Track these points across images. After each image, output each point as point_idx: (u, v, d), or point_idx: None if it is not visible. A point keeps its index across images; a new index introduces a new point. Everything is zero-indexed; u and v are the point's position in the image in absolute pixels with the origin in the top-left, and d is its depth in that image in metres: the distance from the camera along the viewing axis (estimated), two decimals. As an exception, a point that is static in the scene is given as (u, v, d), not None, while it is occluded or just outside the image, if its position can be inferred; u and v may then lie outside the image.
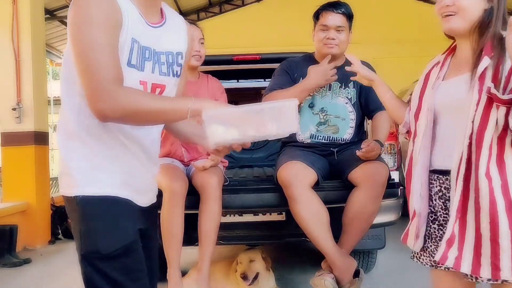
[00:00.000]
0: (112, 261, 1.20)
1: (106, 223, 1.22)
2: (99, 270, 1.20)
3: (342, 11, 2.47)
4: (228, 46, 8.10)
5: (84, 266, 1.21)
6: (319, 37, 2.51)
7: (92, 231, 1.21)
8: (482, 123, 1.35)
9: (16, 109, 4.62)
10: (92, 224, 1.21)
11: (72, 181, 1.24)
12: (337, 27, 2.47)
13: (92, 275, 1.20)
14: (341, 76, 2.55)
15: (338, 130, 2.55)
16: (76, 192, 1.22)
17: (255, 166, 3.78)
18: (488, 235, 1.34)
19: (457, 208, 1.40)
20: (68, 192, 1.24)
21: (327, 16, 2.48)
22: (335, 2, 2.52)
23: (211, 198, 2.37)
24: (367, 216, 2.31)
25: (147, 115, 1.16)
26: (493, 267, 1.35)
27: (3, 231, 4.15)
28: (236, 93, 4.08)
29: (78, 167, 1.24)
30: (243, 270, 2.56)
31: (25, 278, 3.63)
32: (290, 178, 2.28)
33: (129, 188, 1.27)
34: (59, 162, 1.30)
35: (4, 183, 4.92)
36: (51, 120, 8.73)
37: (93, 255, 1.20)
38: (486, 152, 1.35)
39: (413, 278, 3.28)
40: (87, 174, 1.23)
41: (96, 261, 1.20)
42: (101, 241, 1.20)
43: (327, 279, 2.23)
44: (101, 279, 1.20)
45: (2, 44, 4.65)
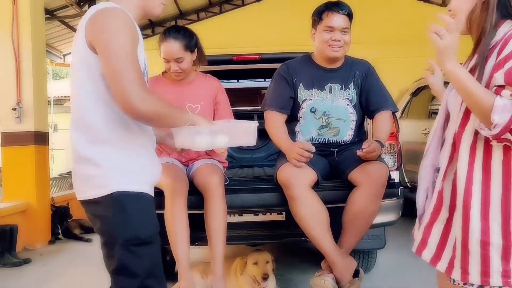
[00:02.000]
0: (147, 246, 1.39)
1: (142, 214, 1.41)
2: (136, 255, 1.37)
3: (346, 12, 2.43)
4: (228, 46, 8.10)
5: (121, 253, 1.37)
6: (323, 38, 2.45)
7: (132, 221, 1.38)
8: (462, 123, 1.33)
9: (16, 109, 4.62)
10: (130, 215, 1.38)
11: (106, 180, 1.38)
12: (343, 29, 2.42)
13: (129, 260, 1.37)
14: (341, 78, 2.54)
15: (338, 132, 2.54)
16: (112, 189, 1.37)
17: (255, 166, 3.77)
18: (460, 238, 1.33)
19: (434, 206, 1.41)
20: (99, 192, 1.38)
21: (332, 17, 2.41)
22: (338, 1, 2.46)
23: (215, 197, 2.36)
24: (367, 216, 2.31)
25: (166, 118, 1.41)
26: (462, 271, 1.34)
27: (3, 231, 4.15)
28: (236, 93, 4.08)
29: (111, 167, 1.38)
30: (264, 270, 2.54)
31: (25, 278, 3.63)
32: (290, 178, 2.28)
33: (149, 184, 1.47)
34: (81, 167, 1.41)
35: (4, 183, 4.91)
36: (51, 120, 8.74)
37: (133, 242, 1.37)
38: (465, 153, 1.32)
39: (413, 278, 3.28)
40: (119, 173, 1.39)
41: (134, 247, 1.37)
42: (140, 229, 1.39)
43: (327, 279, 2.23)
44: (136, 263, 1.38)
45: (2, 44, 4.65)
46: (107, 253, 1.41)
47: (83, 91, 1.39)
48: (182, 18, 10.72)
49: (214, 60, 3.44)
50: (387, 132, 2.48)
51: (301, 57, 2.66)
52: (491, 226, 1.29)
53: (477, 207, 1.30)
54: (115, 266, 1.38)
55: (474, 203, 1.30)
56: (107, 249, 1.40)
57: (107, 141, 1.39)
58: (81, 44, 1.36)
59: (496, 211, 1.29)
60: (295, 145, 2.35)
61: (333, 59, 2.51)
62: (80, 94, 1.40)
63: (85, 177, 1.41)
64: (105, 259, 1.43)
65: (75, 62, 1.40)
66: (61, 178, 8.93)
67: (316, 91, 2.53)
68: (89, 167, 1.39)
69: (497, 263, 1.30)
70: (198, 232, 2.64)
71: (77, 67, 1.39)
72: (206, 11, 10.97)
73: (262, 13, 10.61)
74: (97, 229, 1.44)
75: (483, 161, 1.30)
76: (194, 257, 3.37)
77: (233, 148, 3.78)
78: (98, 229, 1.43)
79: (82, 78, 1.38)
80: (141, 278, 1.38)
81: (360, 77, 2.55)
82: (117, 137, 1.40)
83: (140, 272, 1.38)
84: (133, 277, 1.37)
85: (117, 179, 1.39)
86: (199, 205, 2.43)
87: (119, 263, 1.37)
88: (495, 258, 1.29)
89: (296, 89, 2.54)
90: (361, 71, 2.56)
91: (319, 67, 2.56)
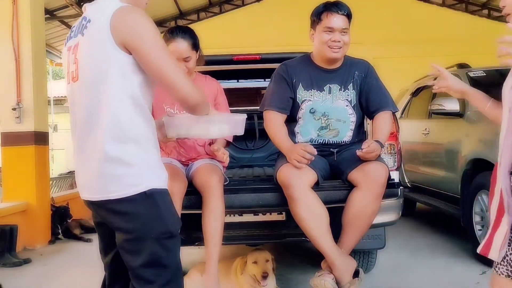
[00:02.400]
0: (175, 239, 1.47)
1: (171, 209, 1.50)
2: (167, 248, 1.44)
3: (346, 12, 2.42)
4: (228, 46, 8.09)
5: (153, 247, 1.41)
6: (322, 39, 2.44)
7: (164, 216, 1.45)
8: None
9: (16, 109, 4.62)
10: (163, 211, 1.45)
11: (139, 179, 1.41)
12: (342, 29, 2.42)
13: (161, 253, 1.43)
14: (341, 78, 2.54)
15: (338, 134, 2.53)
16: (146, 186, 1.41)
17: (255, 166, 3.77)
18: None
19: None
20: (133, 190, 1.40)
21: (332, 18, 2.40)
22: (337, 2, 2.45)
23: (214, 197, 2.36)
24: (367, 216, 2.31)
25: (204, 106, 1.53)
26: None
27: (3, 231, 4.15)
28: (236, 93, 4.08)
29: (142, 165, 1.42)
30: (264, 269, 2.55)
31: (25, 278, 3.63)
32: (290, 178, 2.28)
33: (167, 181, 1.51)
34: (108, 166, 1.40)
35: (4, 183, 4.92)
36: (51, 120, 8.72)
37: (165, 235, 1.43)
38: None
39: (413, 278, 3.28)
40: (150, 171, 1.44)
41: (165, 240, 1.43)
42: (170, 223, 1.46)
43: (327, 279, 2.23)
44: (167, 256, 1.44)
45: (2, 44, 4.65)
46: (132, 249, 1.43)
47: (111, 89, 1.38)
48: (182, 18, 10.71)
49: (214, 60, 3.43)
50: (387, 133, 2.48)
51: (300, 57, 2.65)
52: None
53: None
54: (146, 260, 1.41)
55: None
56: (134, 245, 1.42)
57: (135, 139, 1.41)
58: (107, 44, 1.35)
59: None
60: (297, 146, 2.34)
61: (332, 60, 2.50)
62: (107, 92, 1.39)
63: (114, 176, 1.41)
64: (127, 255, 1.45)
65: (99, 62, 1.38)
66: (61, 178, 8.94)
67: (315, 92, 2.53)
68: (118, 166, 1.40)
69: None
70: (198, 232, 2.64)
71: (102, 67, 1.38)
72: (206, 11, 10.95)
73: (262, 13, 10.60)
74: (122, 227, 1.44)
75: None
76: (194, 257, 3.37)
77: (233, 148, 3.78)
78: (124, 227, 1.43)
79: (111, 77, 1.38)
80: (172, 269, 1.45)
81: (360, 77, 2.55)
82: (142, 134, 1.43)
83: (171, 264, 1.45)
84: (165, 268, 1.44)
85: (149, 177, 1.43)
86: (199, 205, 2.43)
87: (151, 257, 1.41)
88: None
89: (295, 89, 2.54)
90: (360, 72, 2.56)
91: (318, 67, 2.55)
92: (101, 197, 1.43)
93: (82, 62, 1.43)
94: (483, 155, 3.51)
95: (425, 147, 4.86)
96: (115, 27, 1.35)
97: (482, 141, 3.63)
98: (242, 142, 3.89)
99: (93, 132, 1.42)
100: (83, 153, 1.47)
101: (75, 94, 1.47)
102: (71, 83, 1.48)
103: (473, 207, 3.63)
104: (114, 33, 1.35)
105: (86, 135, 1.44)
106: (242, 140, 3.86)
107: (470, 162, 3.67)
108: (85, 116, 1.44)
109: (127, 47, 1.36)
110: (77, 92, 1.46)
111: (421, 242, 4.37)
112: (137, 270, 1.43)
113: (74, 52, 1.46)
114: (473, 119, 3.88)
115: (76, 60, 1.44)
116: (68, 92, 1.52)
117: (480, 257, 3.55)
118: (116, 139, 1.40)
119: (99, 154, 1.41)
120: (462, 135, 3.88)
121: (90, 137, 1.43)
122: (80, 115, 1.45)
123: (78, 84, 1.44)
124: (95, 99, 1.40)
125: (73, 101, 1.49)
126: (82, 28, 1.45)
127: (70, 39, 1.52)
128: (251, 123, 3.65)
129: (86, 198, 1.51)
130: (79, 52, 1.43)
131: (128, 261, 1.45)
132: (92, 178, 1.45)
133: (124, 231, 1.44)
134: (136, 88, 1.41)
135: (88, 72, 1.41)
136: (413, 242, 4.39)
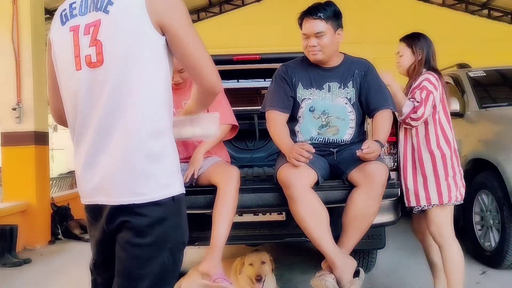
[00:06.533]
0: (183, 250, 1.34)
1: (186, 218, 1.35)
2: (176, 260, 1.31)
3: (318, 15, 2.40)
4: (228, 46, 8.10)
5: (166, 257, 1.27)
6: (303, 45, 2.49)
7: (182, 225, 1.32)
8: None
9: (16, 109, 4.63)
10: (183, 219, 1.33)
11: (169, 180, 1.27)
12: (316, 34, 2.41)
13: (171, 264, 1.28)
14: (340, 76, 2.54)
15: (338, 132, 2.54)
16: (176, 190, 1.29)
17: (255, 166, 3.77)
18: None
19: None
20: (163, 194, 1.25)
21: (305, 24, 2.44)
22: (312, 6, 2.45)
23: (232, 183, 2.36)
24: (367, 216, 2.30)
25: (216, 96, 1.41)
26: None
27: (3, 231, 4.15)
28: (236, 93, 4.07)
29: (172, 164, 1.29)
30: (258, 272, 2.55)
31: (25, 278, 3.63)
32: (290, 178, 2.28)
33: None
34: (139, 163, 1.22)
35: (4, 183, 4.92)
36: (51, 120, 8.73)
37: (179, 246, 1.31)
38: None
39: (413, 278, 3.28)
40: (178, 172, 1.32)
41: (177, 251, 1.31)
42: (185, 233, 1.33)
43: (327, 279, 2.22)
44: (175, 267, 1.31)
45: (2, 44, 4.66)
46: (142, 255, 1.24)
47: (146, 75, 1.23)
48: (182, 18, 10.72)
49: (214, 60, 3.41)
50: (387, 132, 2.48)
51: (299, 58, 2.66)
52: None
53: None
54: (156, 270, 1.25)
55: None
56: (147, 251, 1.24)
57: (168, 134, 1.28)
58: (144, 23, 1.21)
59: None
60: (295, 145, 2.35)
61: (319, 62, 2.51)
62: (141, 78, 1.22)
63: (148, 175, 1.23)
64: (135, 260, 1.24)
65: (132, 44, 1.21)
66: (61, 178, 8.94)
67: (315, 91, 2.53)
68: (154, 163, 1.23)
69: None
70: (198, 232, 2.64)
71: (136, 49, 1.21)
72: (206, 11, 10.97)
73: (262, 13, 10.61)
74: (141, 230, 1.23)
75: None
76: (194, 257, 3.37)
77: (233, 148, 3.78)
78: (144, 231, 1.23)
79: (146, 61, 1.23)
80: (174, 283, 1.35)
81: (359, 75, 2.55)
82: (170, 128, 1.30)
83: (175, 277, 1.34)
84: (169, 282, 1.31)
85: (179, 178, 1.30)
86: (198, 206, 2.43)
87: (160, 267, 1.25)
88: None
89: (295, 89, 2.55)
90: (360, 70, 2.56)
91: (316, 66, 2.56)
92: (128, 201, 1.22)
93: (109, 43, 1.22)
94: (483, 155, 3.51)
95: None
96: (152, 4, 1.21)
97: (482, 141, 3.63)
98: (242, 142, 3.89)
99: (124, 124, 1.22)
100: (103, 149, 1.24)
101: (95, 83, 1.24)
102: (85, 70, 1.25)
103: (473, 207, 3.63)
104: (151, 11, 1.21)
105: (113, 127, 1.23)
106: (242, 140, 3.86)
107: (470, 162, 3.67)
108: (112, 106, 1.22)
109: (162, 27, 1.23)
110: (100, 79, 1.24)
111: (421, 242, 4.37)
112: (140, 279, 1.24)
113: (90, 32, 1.24)
114: (473, 119, 3.88)
115: (97, 42, 1.23)
116: (76, 80, 1.28)
117: (480, 257, 3.56)
118: (152, 132, 1.23)
119: (131, 149, 1.22)
120: (462, 135, 3.88)
121: (119, 130, 1.22)
122: (104, 105, 1.23)
123: (102, 70, 1.23)
124: (127, 87, 1.22)
125: (88, 91, 1.26)
126: (103, 4, 1.24)
127: (73, 17, 1.28)
128: (251, 123, 3.66)
129: (103, 203, 1.26)
130: (103, 32, 1.23)
131: (128, 268, 1.25)
132: (117, 178, 1.23)
133: (141, 235, 1.23)
134: (167, 75, 1.29)
135: (118, 55, 1.22)
136: (413, 242, 4.37)
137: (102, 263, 1.37)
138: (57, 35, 1.33)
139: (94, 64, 1.23)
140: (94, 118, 1.25)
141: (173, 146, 1.30)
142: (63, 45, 1.30)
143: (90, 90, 1.25)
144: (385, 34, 10.24)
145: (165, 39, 1.26)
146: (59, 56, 1.33)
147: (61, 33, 1.31)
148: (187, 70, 1.37)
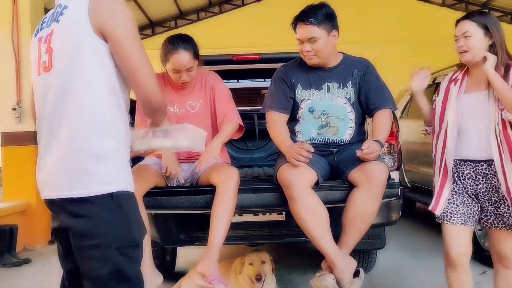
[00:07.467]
0: (138, 248, 1.37)
1: (137, 216, 1.39)
2: (130, 259, 1.33)
3: (310, 21, 2.38)
4: (228, 46, 8.11)
5: (117, 256, 1.30)
6: (299, 49, 2.49)
7: (130, 223, 1.35)
8: (503, 124, 1.97)
9: (16, 109, 4.63)
10: (129, 217, 1.35)
11: (110, 178, 1.32)
12: (309, 39, 2.41)
13: (124, 264, 1.32)
14: (339, 76, 2.54)
15: (337, 132, 2.53)
16: (116, 188, 1.32)
17: (255, 166, 3.77)
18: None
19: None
20: (99, 190, 1.30)
21: (298, 30, 2.43)
22: (303, 11, 2.43)
23: (231, 183, 2.35)
24: (367, 216, 2.30)
25: (164, 111, 1.47)
26: None
27: (3, 231, 4.15)
28: (236, 93, 4.07)
29: (116, 164, 1.34)
30: (258, 271, 2.55)
31: (25, 278, 3.63)
32: (290, 178, 2.28)
33: (133, 186, 1.41)
34: (83, 162, 1.30)
35: (4, 183, 4.92)
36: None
37: (129, 244, 1.33)
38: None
39: (413, 278, 3.28)
40: (123, 171, 1.36)
41: (129, 250, 1.33)
42: (136, 231, 1.36)
43: (327, 279, 2.22)
44: (130, 266, 1.34)
45: (2, 44, 4.66)
46: (95, 255, 1.30)
47: (89, 79, 1.30)
48: (182, 18, 10.72)
49: (214, 60, 3.43)
50: (387, 131, 2.48)
51: (298, 58, 2.66)
52: None
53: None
54: (109, 270, 1.30)
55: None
56: (98, 251, 1.29)
57: (113, 135, 1.34)
58: (85, 29, 1.29)
59: None
60: (294, 145, 2.35)
61: (316, 65, 2.51)
62: (84, 81, 1.30)
63: (87, 173, 1.30)
64: (91, 261, 1.31)
65: (75, 49, 1.30)
66: (61, 178, 8.93)
67: (314, 91, 2.54)
68: (93, 162, 1.30)
69: None
70: (198, 232, 2.64)
71: (79, 54, 1.29)
72: (206, 11, 10.96)
73: (262, 13, 10.61)
74: (81, 230, 1.30)
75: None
76: (194, 257, 3.38)
77: (233, 148, 3.78)
78: (84, 230, 1.30)
79: (88, 65, 1.30)
80: (134, 282, 1.35)
81: (359, 75, 2.55)
82: (119, 131, 1.36)
83: (133, 276, 1.34)
84: (125, 281, 1.32)
85: (121, 177, 1.35)
86: (198, 206, 2.43)
87: (114, 267, 1.30)
88: None
89: (294, 89, 2.55)
90: (359, 70, 2.56)
91: (315, 67, 2.56)
92: (66, 194, 1.31)
93: (57, 50, 1.34)
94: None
95: (425, 147, 4.85)
96: (94, 10, 1.28)
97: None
98: (242, 142, 3.89)
99: (68, 124, 1.31)
100: (51, 147, 1.35)
101: (47, 85, 1.36)
102: (42, 74, 1.38)
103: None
104: (92, 18, 1.28)
105: (59, 127, 1.33)
106: (242, 140, 3.86)
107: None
108: (59, 107, 1.33)
109: (103, 33, 1.29)
110: (50, 82, 1.35)
111: (421, 242, 4.37)
112: (98, 279, 1.31)
113: (47, 41, 1.36)
114: None
115: (50, 49, 1.35)
116: (38, 84, 1.41)
117: (480, 257, 3.56)
118: (94, 133, 1.31)
119: (73, 148, 1.30)
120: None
121: (64, 130, 1.32)
122: (53, 106, 1.34)
123: (51, 74, 1.34)
124: (71, 89, 1.31)
125: (43, 93, 1.38)
126: (57, 15, 1.36)
127: (41, 30, 1.42)
128: (251, 123, 3.66)
129: (47, 197, 1.38)
130: (54, 40, 1.34)
131: (89, 269, 1.32)
132: (58, 174, 1.33)
133: (88, 236, 1.30)
134: (115, 80, 1.34)
135: (63, 60, 1.32)
136: (413, 242, 4.39)
137: (63, 255, 1.45)
138: (31, 45, 1.48)
139: (47, 69, 1.36)
140: (46, 119, 1.37)
141: (119, 147, 1.36)
142: (32, 54, 1.45)
143: (44, 92, 1.38)
144: (385, 34, 10.28)
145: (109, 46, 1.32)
146: (31, 64, 1.46)
147: (32, 44, 1.46)
148: (125, 79, 1.37)
